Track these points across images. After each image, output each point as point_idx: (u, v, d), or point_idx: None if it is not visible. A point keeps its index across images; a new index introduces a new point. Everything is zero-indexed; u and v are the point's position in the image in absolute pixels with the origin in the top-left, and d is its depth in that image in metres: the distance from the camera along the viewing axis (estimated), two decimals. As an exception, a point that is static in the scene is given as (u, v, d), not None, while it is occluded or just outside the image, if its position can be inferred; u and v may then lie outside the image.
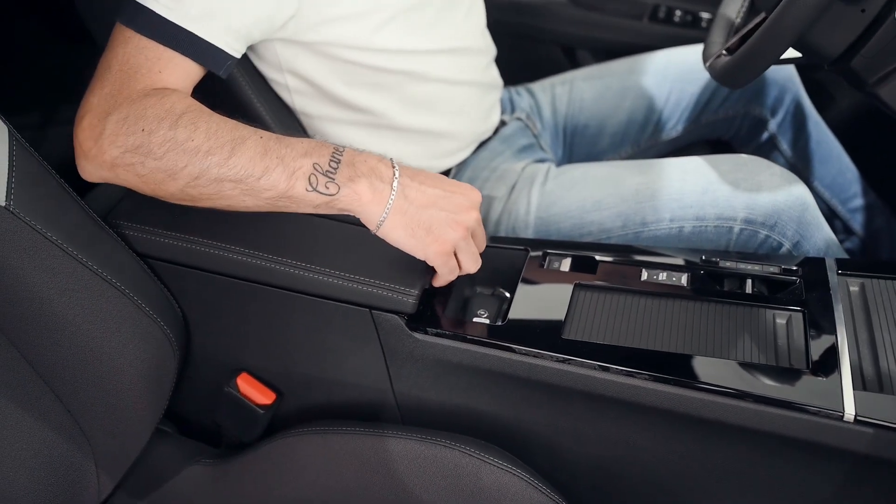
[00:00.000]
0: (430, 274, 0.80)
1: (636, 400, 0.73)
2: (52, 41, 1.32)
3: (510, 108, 1.22)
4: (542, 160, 1.15)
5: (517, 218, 1.03)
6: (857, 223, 1.26)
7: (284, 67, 0.94)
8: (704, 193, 0.93)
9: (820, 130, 1.25)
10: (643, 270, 0.83)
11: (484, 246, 0.81)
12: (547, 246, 0.88)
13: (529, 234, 1.03)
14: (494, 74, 1.15)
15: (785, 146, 1.24)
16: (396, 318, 0.78)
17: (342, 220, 0.83)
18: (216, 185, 0.71)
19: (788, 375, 0.70)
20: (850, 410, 0.66)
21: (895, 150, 1.27)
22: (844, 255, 0.95)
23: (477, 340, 0.77)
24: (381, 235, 0.75)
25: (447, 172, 1.10)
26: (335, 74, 0.94)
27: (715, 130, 1.26)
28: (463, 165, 1.11)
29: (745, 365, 0.71)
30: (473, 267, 0.79)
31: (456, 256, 0.78)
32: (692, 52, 1.23)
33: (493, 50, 1.14)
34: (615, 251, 0.87)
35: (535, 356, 0.75)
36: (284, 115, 0.99)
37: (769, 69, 0.86)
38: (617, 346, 0.75)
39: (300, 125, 1.02)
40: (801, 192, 0.91)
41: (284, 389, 0.90)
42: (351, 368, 0.85)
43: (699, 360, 0.72)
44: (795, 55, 0.85)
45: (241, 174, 0.71)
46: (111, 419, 0.78)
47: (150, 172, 0.71)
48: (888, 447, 0.66)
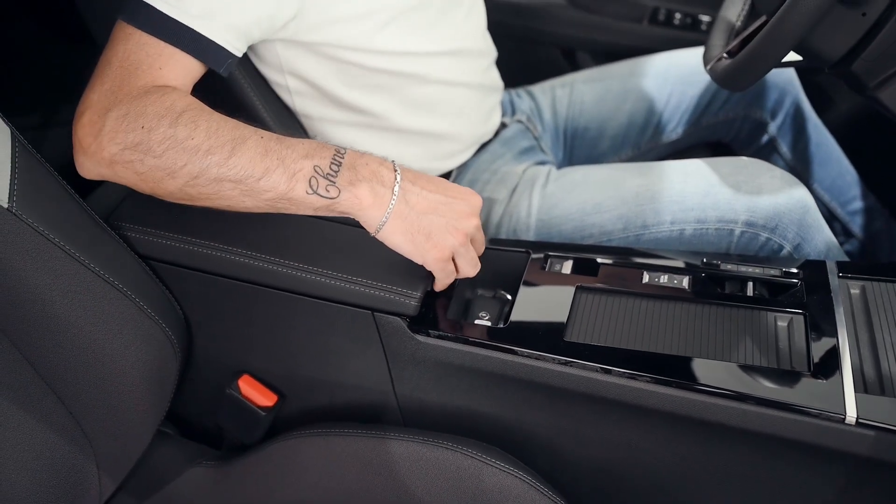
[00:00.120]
0: (432, 277, 0.80)
1: (638, 402, 0.73)
2: (52, 42, 1.31)
3: (510, 110, 1.22)
4: (542, 162, 1.15)
5: (518, 220, 1.03)
6: (856, 225, 1.26)
7: (285, 69, 0.94)
8: (705, 196, 0.93)
9: (819, 133, 1.25)
10: (644, 273, 0.83)
11: (482, 250, 0.81)
12: (548, 248, 0.88)
13: (530, 236, 1.03)
14: (495, 76, 1.15)
15: (785, 149, 1.25)
16: (398, 320, 0.78)
17: (344, 221, 0.84)
18: (215, 184, 0.71)
19: (790, 378, 0.70)
20: (851, 413, 0.66)
21: (894, 152, 1.28)
22: (845, 257, 0.96)
23: (479, 343, 0.77)
24: (380, 239, 0.74)
25: (448, 174, 1.10)
26: (336, 76, 0.94)
27: (715, 133, 1.26)
28: (464, 168, 1.11)
29: (746, 367, 0.72)
30: (472, 271, 0.79)
31: (454, 261, 0.78)
32: (692, 54, 1.24)
33: (493, 52, 1.14)
34: (616, 253, 0.87)
35: (536, 358, 0.75)
36: (285, 115, 0.99)
37: (769, 72, 0.86)
38: (619, 348, 0.75)
39: (301, 127, 1.02)
40: (801, 194, 0.91)
41: (286, 391, 0.90)
42: (353, 370, 0.85)
43: (701, 362, 0.73)
44: (796, 58, 0.86)
45: (240, 174, 0.70)
46: (113, 421, 0.78)
47: (148, 170, 0.70)
48: (889, 450, 0.66)
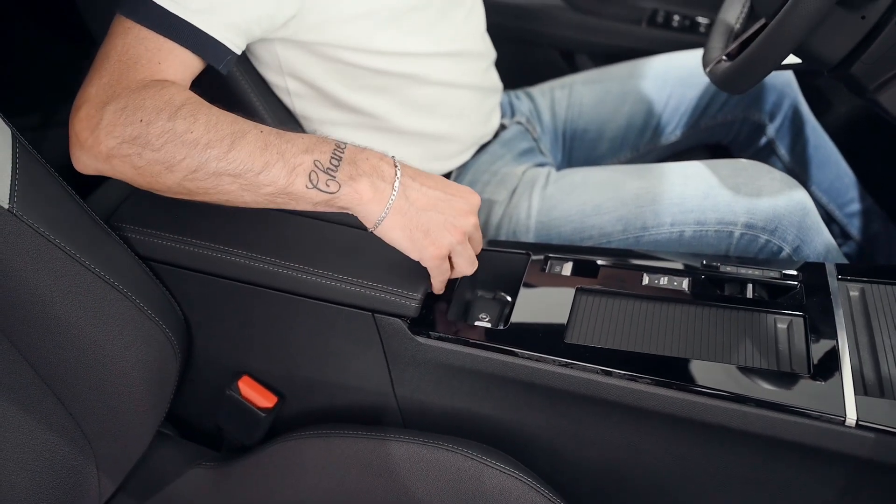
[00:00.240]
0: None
1: (638, 404, 0.73)
2: (52, 42, 1.31)
3: (510, 111, 1.22)
4: (542, 164, 1.15)
5: (518, 222, 1.03)
6: (854, 228, 1.26)
7: (285, 70, 0.94)
8: (705, 198, 0.93)
9: (818, 135, 1.25)
10: (644, 275, 0.83)
11: (480, 249, 0.81)
12: (548, 250, 0.88)
13: (530, 237, 1.03)
14: (494, 78, 1.15)
15: (783, 151, 1.25)
16: (399, 321, 0.78)
17: (345, 222, 0.84)
18: (214, 178, 0.70)
19: (790, 380, 0.70)
20: (851, 415, 0.66)
21: (892, 155, 1.28)
22: (844, 259, 0.96)
23: (479, 344, 0.77)
24: (378, 234, 0.74)
25: (448, 175, 1.10)
26: (336, 77, 0.94)
27: (713, 135, 1.26)
28: (463, 169, 1.11)
29: (746, 369, 0.72)
30: (469, 270, 0.79)
31: (451, 259, 0.78)
32: (691, 56, 1.24)
33: (492, 53, 1.14)
34: (616, 255, 0.87)
35: (537, 360, 0.75)
36: (283, 113, 0.99)
37: (768, 74, 0.87)
38: (619, 350, 0.75)
39: (301, 129, 1.01)
40: (801, 196, 0.91)
41: (286, 393, 0.90)
42: (353, 372, 0.85)
43: (701, 364, 0.73)
44: (796, 61, 0.86)
45: (240, 168, 0.69)
46: (113, 422, 0.78)
47: (147, 164, 0.70)
48: (889, 452, 0.66)
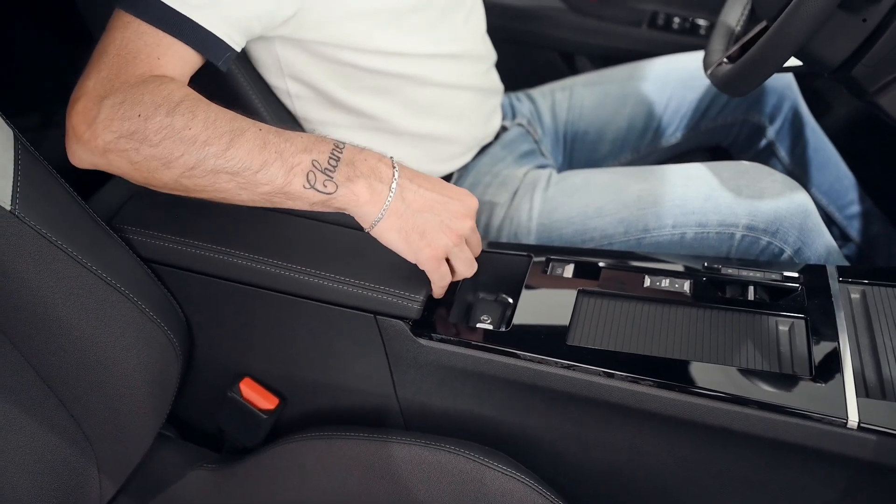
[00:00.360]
0: None
1: (640, 406, 0.73)
2: (53, 43, 1.31)
3: (511, 113, 1.22)
4: (542, 166, 1.15)
5: (519, 224, 1.03)
6: (853, 230, 1.26)
7: (285, 72, 0.94)
8: (707, 200, 0.93)
9: (817, 137, 1.25)
10: (646, 277, 0.83)
11: (479, 251, 0.81)
12: (550, 252, 0.88)
13: (531, 240, 1.03)
14: (495, 79, 1.15)
15: (783, 153, 1.25)
16: (401, 323, 0.78)
17: (346, 224, 0.84)
18: (212, 176, 0.70)
19: (791, 382, 0.70)
20: (853, 417, 0.67)
21: (892, 157, 1.28)
22: (845, 262, 0.96)
23: (481, 346, 0.77)
24: (374, 235, 0.74)
25: (449, 177, 1.10)
26: (336, 78, 0.94)
27: (714, 137, 1.26)
28: (465, 170, 1.11)
29: (748, 371, 0.72)
30: (468, 271, 0.79)
31: (450, 262, 0.78)
32: (692, 58, 1.24)
33: (493, 55, 1.14)
34: (618, 257, 0.87)
35: (539, 362, 0.75)
36: (284, 114, 0.98)
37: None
38: (621, 352, 0.75)
39: (300, 129, 1.01)
40: (802, 199, 0.91)
41: (288, 394, 0.90)
42: (355, 374, 0.85)
43: (702, 366, 0.73)
44: (796, 63, 0.86)
45: (238, 166, 0.69)
46: (114, 424, 0.78)
47: (144, 160, 0.69)
48: (891, 453, 0.67)
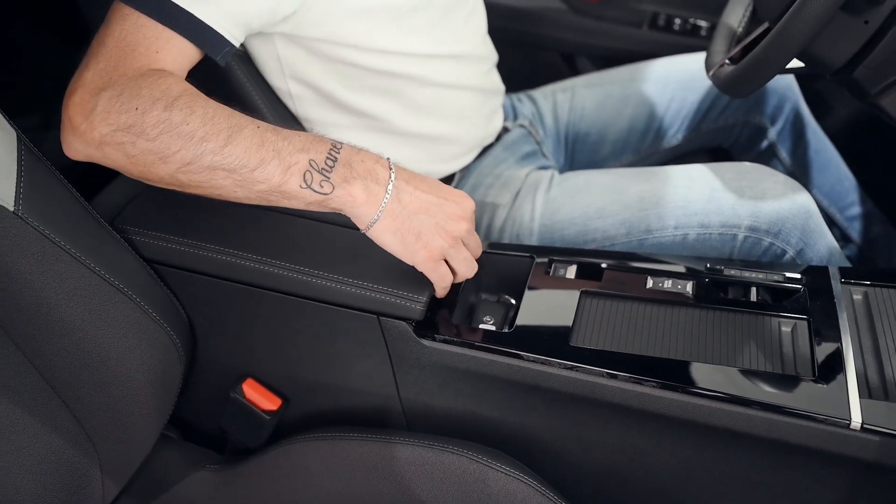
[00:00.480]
0: None
1: (643, 407, 0.73)
2: (55, 43, 1.31)
3: (512, 114, 1.22)
4: (544, 167, 1.15)
5: (521, 225, 1.03)
6: (854, 231, 1.27)
7: (287, 73, 0.94)
8: (709, 201, 0.93)
9: (818, 139, 1.26)
10: (648, 278, 0.83)
11: (479, 252, 0.81)
12: (552, 253, 0.88)
13: (533, 241, 1.03)
14: (496, 80, 1.15)
15: (784, 154, 1.25)
16: (404, 324, 0.78)
17: (348, 225, 0.83)
18: (208, 172, 0.70)
19: (794, 383, 0.71)
20: (856, 418, 0.67)
21: (892, 158, 1.29)
22: (847, 262, 0.96)
23: (485, 347, 0.77)
24: (370, 236, 0.74)
25: (450, 177, 1.10)
26: (337, 78, 0.94)
27: (715, 138, 1.27)
28: (466, 172, 1.11)
29: (751, 372, 0.72)
30: (468, 272, 0.79)
31: (449, 264, 0.78)
32: (693, 60, 1.24)
33: (494, 56, 1.14)
34: (620, 258, 0.87)
35: (542, 363, 0.75)
36: (284, 112, 0.98)
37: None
38: (624, 353, 0.75)
39: (301, 129, 1.01)
40: (804, 200, 0.91)
41: (290, 395, 0.90)
42: (357, 374, 0.85)
43: (705, 367, 0.73)
44: (798, 65, 0.86)
45: (235, 164, 0.69)
46: (117, 425, 0.78)
47: (140, 154, 0.69)
48: (894, 455, 0.67)
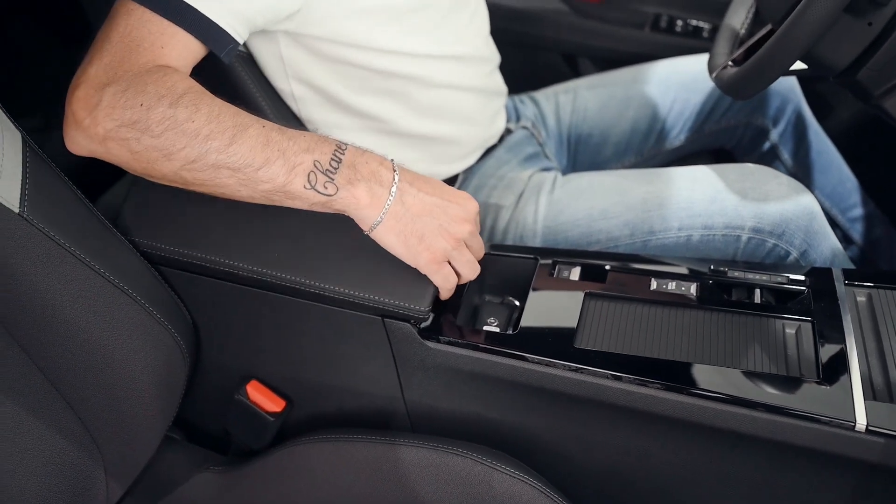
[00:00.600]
0: None
1: (648, 409, 0.73)
2: (58, 44, 1.31)
3: (515, 116, 1.22)
4: (547, 169, 1.15)
5: (525, 226, 1.04)
6: (856, 233, 1.27)
7: (290, 74, 0.94)
8: (713, 202, 0.93)
9: (820, 140, 1.26)
10: (652, 280, 0.83)
11: (482, 254, 0.81)
12: (556, 255, 0.88)
13: (537, 242, 1.03)
14: (499, 81, 1.15)
15: (786, 156, 1.25)
16: (408, 326, 0.78)
17: (352, 226, 0.84)
18: (213, 170, 0.70)
19: (799, 385, 0.71)
20: (861, 420, 0.67)
21: (895, 160, 1.29)
22: (850, 264, 0.96)
23: (489, 349, 0.77)
24: (373, 238, 0.75)
25: (453, 179, 1.10)
26: (339, 79, 0.94)
27: (717, 140, 1.27)
28: (470, 173, 1.11)
29: (755, 374, 0.72)
30: (471, 274, 0.79)
31: (453, 266, 0.78)
32: (696, 61, 1.24)
33: (496, 57, 1.14)
34: (624, 260, 0.87)
35: (547, 365, 0.75)
36: (287, 112, 0.98)
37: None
38: (628, 355, 0.75)
39: (304, 129, 1.01)
40: (808, 201, 0.91)
41: (294, 397, 0.90)
42: (362, 376, 0.85)
43: (710, 369, 0.73)
44: (801, 67, 0.86)
45: (240, 163, 0.69)
46: (121, 426, 0.78)
47: (144, 150, 0.69)
48: (898, 456, 0.67)
